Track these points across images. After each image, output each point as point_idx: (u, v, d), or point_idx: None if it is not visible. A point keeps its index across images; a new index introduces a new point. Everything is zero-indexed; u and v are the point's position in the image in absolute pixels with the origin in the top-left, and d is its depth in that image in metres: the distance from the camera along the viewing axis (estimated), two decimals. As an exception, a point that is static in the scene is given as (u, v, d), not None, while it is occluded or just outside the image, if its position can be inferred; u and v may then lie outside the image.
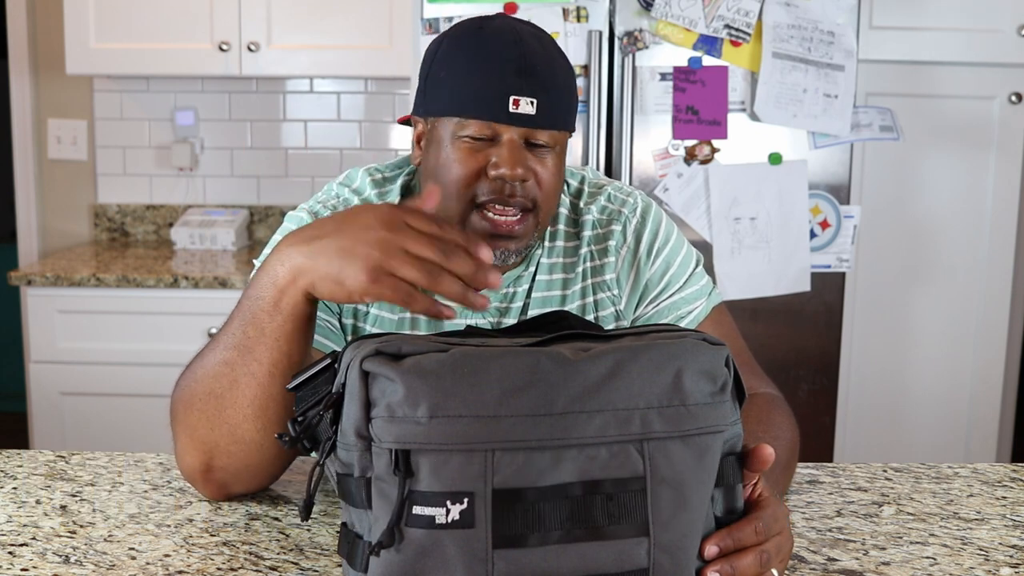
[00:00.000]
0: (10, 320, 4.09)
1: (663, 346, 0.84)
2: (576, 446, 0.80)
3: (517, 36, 1.19)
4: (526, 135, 1.19)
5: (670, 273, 1.33)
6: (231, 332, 1.03)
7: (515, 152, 1.18)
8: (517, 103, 1.17)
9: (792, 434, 1.22)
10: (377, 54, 2.98)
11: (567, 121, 1.23)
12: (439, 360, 0.80)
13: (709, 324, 1.32)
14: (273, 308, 1.00)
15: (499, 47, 1.18)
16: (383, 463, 0.79)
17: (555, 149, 1.22)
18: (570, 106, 1.23)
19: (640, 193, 1.37)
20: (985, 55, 2.97)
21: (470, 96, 1.18)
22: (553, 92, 1.19)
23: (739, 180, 2.56)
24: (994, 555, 1.05)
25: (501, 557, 0.78)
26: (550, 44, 1.23)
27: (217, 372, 1.04)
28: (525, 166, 1.19)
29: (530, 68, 1.17)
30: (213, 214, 3.31)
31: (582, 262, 1.31)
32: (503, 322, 1.29)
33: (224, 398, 1.04)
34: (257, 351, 1.02)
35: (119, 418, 2.81)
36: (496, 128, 1.19)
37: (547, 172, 1.21)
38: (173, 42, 2.99)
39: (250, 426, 1.04)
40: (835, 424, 2.72)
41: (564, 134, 1.23)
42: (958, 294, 3.12)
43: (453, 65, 1.20)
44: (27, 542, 1.03)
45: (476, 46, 1.19)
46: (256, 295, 1.02)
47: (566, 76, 1.22)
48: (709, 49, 2.53)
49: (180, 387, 1.09)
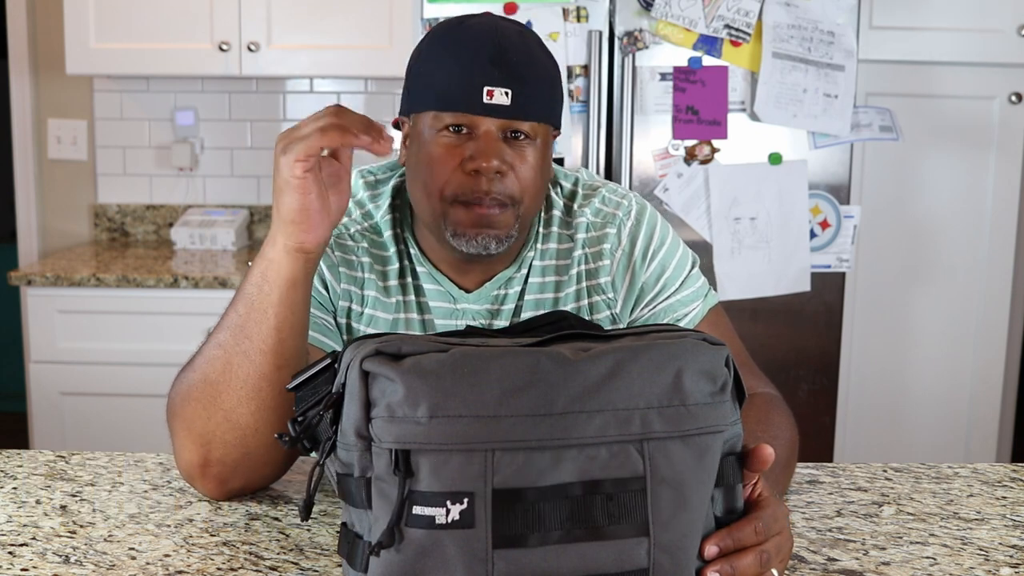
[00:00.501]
0: (10, 320, 4.09)
1: (663, 346, 0.84)
2: (576, 446, 0.80)
3: (495, 28, 1.18)
4: (503, 126, 1.18)
5: (666, 276, 1.32)
6: (226, 316, 1.09)
7: (491, 144, 1.17)
8: (491, 94, 1.15)
9: (791, 434, 1.22)
10: (377, 54, 2.98)
11: (547, 114, 1.20)
12: (439, 360, 0.80)
13: (706, 326, 1.32)
14: (261, 279, 1.05)
15: (475, 39, 1.17)
16: (383, 463, 0.79)
17: (535, 142, 1.20)
18: (551, 100, 1.21)
19: (635, 195, 1.36)
20: (985, 55, 2.97)
21: (445, 88, 1.17)
22: (530, 83, 1.17)
23: (739, 180, 2.56)
24: (994, 555, 1.05)
25: (501, 557, 0.78)
26: (532, 38, 1.21)
27: (211, 356, 1.07)
28: (501, 158, 1.17)
29: (505, 59, 1.16)
30: (213, 214, 3.31)
31: (576, 265, 1.31)
32: (494, 324, 1.29)
33: (219, 383, 1.06)
34: (248, 327, 1.05)
35: (119, 418, 2.81)
36: (472, 120, 1.17)
37: (526, 166, 1.19)
38: (173, 42, 2.99)
39: (244, 410, 1.05)
40: (835, 424, 2.72)
41: (545, 128, 1.21)
42: (958, 294, 3.12)
43: (431, 60, 1.20)
44: (27, 542, 1.03)
45: (454, 40, 1.19)
46: (247, 279, 1.07)
47: (546, 69, 1.20)
48: (709, 49, 2.53)
49: (177, 382, 1.11)
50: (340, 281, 1.27)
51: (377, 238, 1.29)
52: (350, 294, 1.28)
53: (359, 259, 1.27)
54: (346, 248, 1.28)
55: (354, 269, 1.27)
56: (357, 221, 1.29)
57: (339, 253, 1.27)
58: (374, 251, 1.28)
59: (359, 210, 1.30)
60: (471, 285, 1.28)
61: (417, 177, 1.22)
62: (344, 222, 1.28)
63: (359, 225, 1.29)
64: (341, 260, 1.27)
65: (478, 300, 1.29)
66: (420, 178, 1.21)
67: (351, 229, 1.28)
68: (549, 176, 1.28)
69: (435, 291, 1.29)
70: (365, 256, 1.28)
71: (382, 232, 1.29)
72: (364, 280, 1.27)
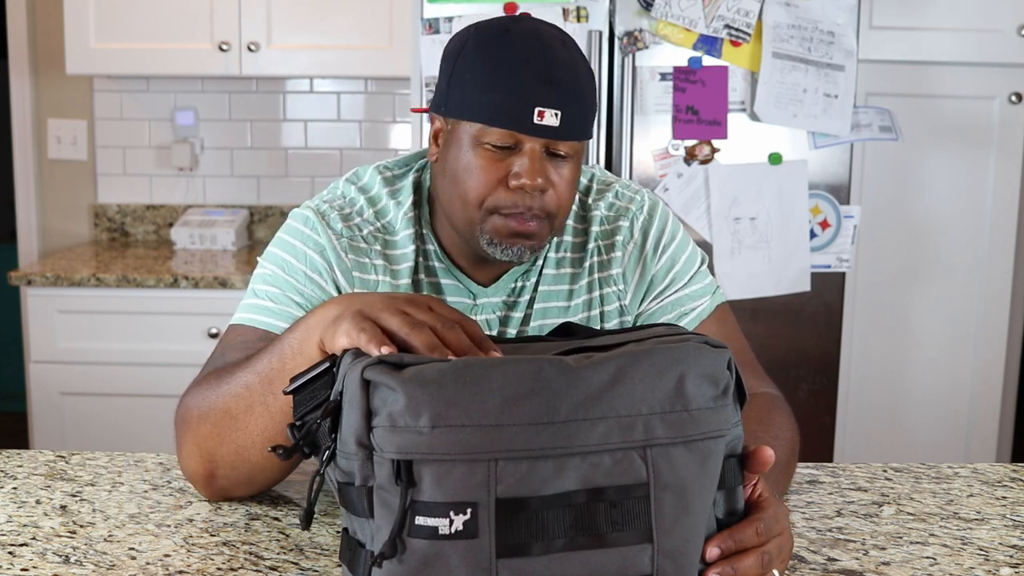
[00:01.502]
0: (10, 320, 4.09)
1: (665, 351, 0.84)
2: (579, 454, 0.79)
3: (542, 42, 1.17)
4: (547, 145, 1.18)
5: (675, 269, 1.33)
6: (259, 359, 1.04)
7: (536, 163, 1.17)
8: (542, 115, 1.16)
9: (792, 434, 1.22)
10: (377, 54, 2.98)
11: (588, 130, 1.22)
12: (440, 369, 0.79)
13: (712, 322, 1.32)
14: (298, 348, 0.99)
15: (525, 54, 1.16)
16: (385, 472, 0.79)
17: (575, 159, 1.21)
18: (592, 114, 1.22)
19: (647, 191, 1.38)
20: (985, 55, 2.97)
21: (495, 104, 1.17)
22: (577, 102, 1.18)
23: (739, 180, 2.56)
24: (994, 555, 1.05)
25: (505, 567, 0.78)
26: (574, 49, 1.21)
27: (237, 393, 1.05)
28: (545, 177, 1.18)
29: (556, 78, 1.16)
30: (213, 214, 3.31)
31: (589, 257, 1.32)
32: (510, 316, 1.30)
33: (238, 419, 1.05)
34: (275, 384, 1.01)
35: (119, 418, 2.81)
36: (519, 138, 1.17)
37: (564, 182, 1.20)
38: (173, 42, 2.99)
39: (257, 451, 1.05)
40: (835, 424, 2.72)
41: (583, 143, 1.23)
42: (958, 294, 3.11)
43: (477, 69, 1.18)
44: (27, 542, 1.03)
45: (502, 51, 1.17)
46: (290, 334, 1.01)
47: (589, 83, 1.21)
48: (709, 49, 2.53)
49: (197, 396, 1.10)
50: (353, 286, 1.26)
51: (391, 238, 1.28)
52: None
53: (372, 262, 1.26)
54: (359, 251, 1.26)
55: (367, 272, 1.26)
56: (370, 221, 1.28)
57: (352, 256, 1.26)
58: (388, 252, 1.27)
59: (372, 208, 1.29)
60: (487, 279, 1.29)
61: (455, 183, 1.21)
62: (357, 222, 1.28)
63: (372, 226, 1.28)
64: (355, 264, 1.26)
65: (496, 292, 1.30)
66: (459, 185, 1.20)
67: (364, 231, 1.27)
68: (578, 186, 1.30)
69: (453, 286, 1.29)
70: (378, 259, 1.27)
71: (396, 231, 1.28)
72: (377, 283, 1.26)
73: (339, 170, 3.37)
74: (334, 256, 1.24)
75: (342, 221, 1.27)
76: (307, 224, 1.26)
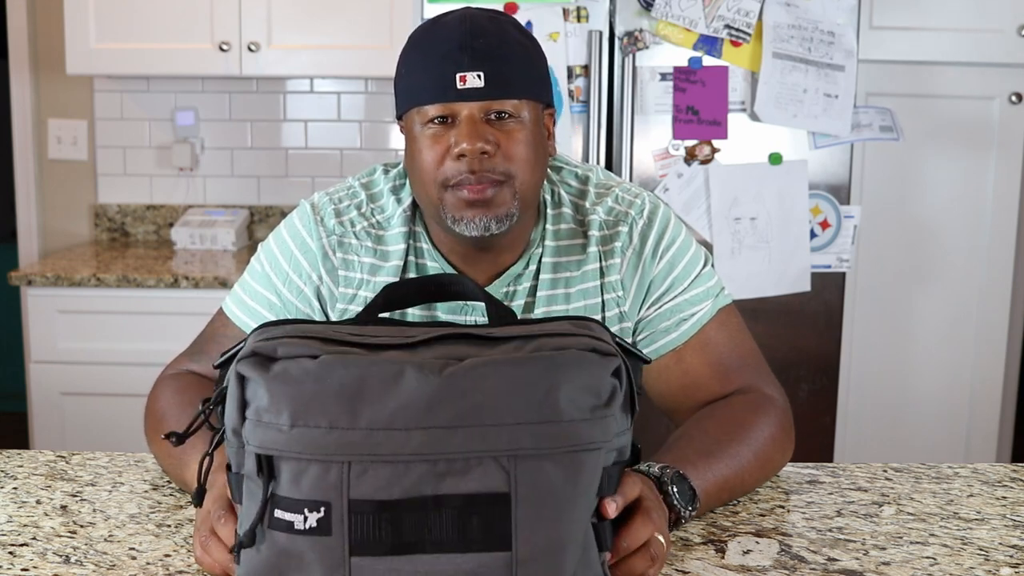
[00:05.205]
0: (10, 320, 4.09)
1: (540, 359, 0.83)
2: (435, 460, 0.80)
3: (465, 17, 1.19)
4: (483, 109, 1.18)
5: (674, 274, 1.31)
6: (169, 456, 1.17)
7: (472, 126, 1.17)
8: (464, 79, 1.16)
9: (769, 432, 1.21)
10: (377, 54, 2.97)
11: (527, 90, 1.20)
12: (305, 368, 0.81)
13: (714, 326, 1.31)
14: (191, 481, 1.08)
15: (446, 31, 1.19)
16: (251, 464, 0.82)
17: (521, 119, 1.19)
18: (529, 76, 1.21)
19: (649, 194, 1.35)
20: (985, 55, 2.97)
21: (421, 84, 1.19)
22: (503, 62, 1.18)
23: (739, 180, 2.56)
24: (994, 555, 1.05)
25: (357, 565, 0.79)
26: (506, 20, 1.22)
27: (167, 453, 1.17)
28: (484, 139, 1.17)
29: (475, 44, 1.17)
30: (213, 214, 3.30)
31: (588, 263, 1.30)
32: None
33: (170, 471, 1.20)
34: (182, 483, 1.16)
35: (119, 418, 2.80)
36: (452, 108, 1.18)
37: (512, 142, 1.18)
38: (173, 42, 2.99)
39: None
40: (835, 424, 2.72)
41: (532, 104, 1.21)
42: (958, 294, 3.11)
43: (408, 60, 1.22)
44: (27, 542, 1.03)
45: (426, 36, 1.21)
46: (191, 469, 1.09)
47: (521, 47, 1.20)
48: (709, 49, 2.53)
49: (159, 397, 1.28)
50: (338, 286, 1.28)
51: (383, 233, 1.29)
52: (347, 296, 1.28)
53: (360, 260, 1.28)
54: (347, 248, 1.28)
55: (352, 270, 1.28)
56: (365, 216, 1.29)
57: (340, 254, 1.28)
58: (379, 247, 1.28)
59: (371, 204, 1.30)
60: (482, 279, 1.28)
61: (414, 172, 1.23)
62: (351, 217, 1.29)
63: (366, 221, 1.29)
64: (342, 263, 1.28)
65: None
66: (416, 172, 1.22)
67: (356, 226, 1.29)
68: (548, 153, 1.27)
69: None
70: (367, 257, 1.28)
71: (390, 227, 1.29)
72: (361, 282, 1.28)
73: (339, 170, 3.37)
74: (321, 256, 1.28)
75: (335, 217, 1.29)
76: (302, 221, 1.30)
